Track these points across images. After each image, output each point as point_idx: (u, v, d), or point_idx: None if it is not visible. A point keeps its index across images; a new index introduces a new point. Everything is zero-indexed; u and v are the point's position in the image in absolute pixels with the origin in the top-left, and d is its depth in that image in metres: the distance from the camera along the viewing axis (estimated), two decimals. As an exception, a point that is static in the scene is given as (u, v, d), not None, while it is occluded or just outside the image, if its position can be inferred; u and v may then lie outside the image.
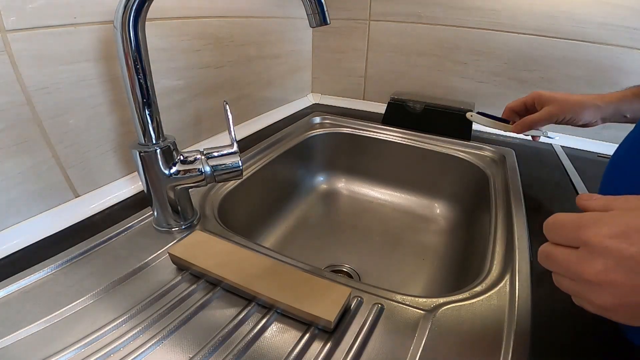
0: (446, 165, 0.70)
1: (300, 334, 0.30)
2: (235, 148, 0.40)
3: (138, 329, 0.29)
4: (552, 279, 0.22)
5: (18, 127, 0.36)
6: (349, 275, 0.58)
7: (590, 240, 0.18)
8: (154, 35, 0.47)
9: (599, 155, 0.71)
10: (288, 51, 0.82)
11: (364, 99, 0.93)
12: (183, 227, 0.42)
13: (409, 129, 0.76)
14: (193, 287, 0.34)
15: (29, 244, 0.38)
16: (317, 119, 0.83)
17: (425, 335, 0.29)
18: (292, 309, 0.30)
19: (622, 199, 0.20)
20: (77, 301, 0.31)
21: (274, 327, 0.30)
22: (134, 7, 0.31)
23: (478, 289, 0.35)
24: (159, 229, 0.41)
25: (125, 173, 0.49)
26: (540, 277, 0.36)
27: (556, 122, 0.48)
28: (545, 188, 0.57)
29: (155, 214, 0.41)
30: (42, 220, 0.40)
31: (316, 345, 0.29)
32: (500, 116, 0.58)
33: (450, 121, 0.72)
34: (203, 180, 0.40)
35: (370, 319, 0.31)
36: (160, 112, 0.38)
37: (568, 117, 0.47)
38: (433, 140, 0.72)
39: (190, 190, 0.43)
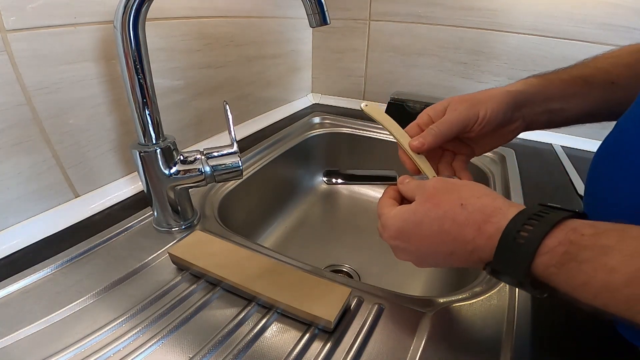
0: (446, 165, 0.70)
1: (300, 334, 0.30)
2: (235, 148, 0.40)
3: (138, 329, 0.29)
4: None
5: (18, 127, 0.36)
6: (349, 275, 0.58)
7: (384, 239, 0.31)
8: (154, 35, 0.47)
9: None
10: (288, 51, 0.82)
11: (364, 99, 0.93)
12: (183, 227, 0.42)
13: (409, 129, 0.76)
14: (193, 287, 0.34)
15: (29, 244, 0.38)
16: (317, 119, 0.83)
17: (425, 335, 0.29)
18: (292, 309, 0.30)
19: (424, 189, 0.29)
20: (77, 301, 0.32)
21: (274, 327, 0.30)
22: (134, 7, 0.31)
23: (478, 289, 0.35)
24: (159, 229, 0.41)
25: (125, 173, 0.49)
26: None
27: (470, 131, 0.36)
28: (545, 188, 0.57)
29: (155, 214, 0.41)
30: (42, 220, 0.40)
31: (316, 345, 0.29)
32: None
33: (450, 121, 0.72)
34: (203, 180, 0.40)
35: (370, 319, 0.31)
36: (160, 112, 0.38)
37: (482, 115, 0.36)
38: (433, 140, 0.72)
39: (190, 190, 0.43)
